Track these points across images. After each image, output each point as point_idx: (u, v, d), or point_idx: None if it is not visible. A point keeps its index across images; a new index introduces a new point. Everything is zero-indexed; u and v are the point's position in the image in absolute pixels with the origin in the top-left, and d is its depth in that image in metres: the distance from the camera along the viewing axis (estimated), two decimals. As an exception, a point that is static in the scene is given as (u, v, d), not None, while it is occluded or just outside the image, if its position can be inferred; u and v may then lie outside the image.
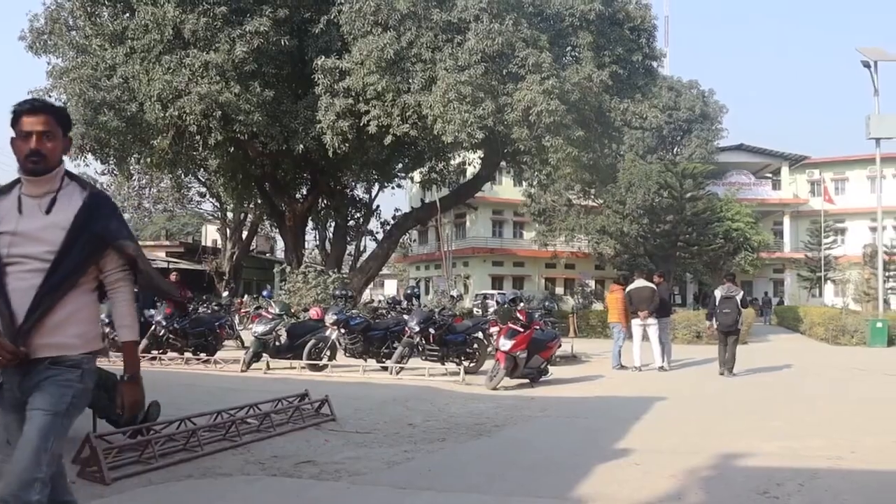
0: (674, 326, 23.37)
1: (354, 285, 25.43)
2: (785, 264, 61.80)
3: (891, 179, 63.47)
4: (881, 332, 24.28)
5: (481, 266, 56.65)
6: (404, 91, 20.75)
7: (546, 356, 13.82)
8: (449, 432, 8.67)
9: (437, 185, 32.74)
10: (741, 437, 8.49)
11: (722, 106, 58.58)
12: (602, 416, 10.28)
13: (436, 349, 14.77)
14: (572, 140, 21.14)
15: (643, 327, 16.54)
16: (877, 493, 6.11)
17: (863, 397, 12.39)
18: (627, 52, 23.85)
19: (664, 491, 6.10)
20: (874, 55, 26.88)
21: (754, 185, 62.72)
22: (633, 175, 42.29)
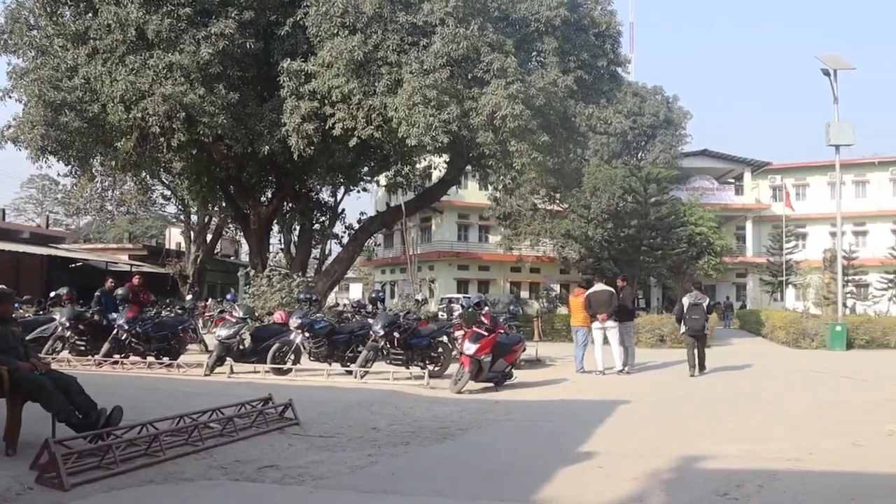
0: (637, 330, 23.52)
1: (319, 289, 25.33)
2: (747, 268, 62.55)
3: (850, 185, 64.63)
4: (840, 336, 24.60)
5: (447, 270, 56.73)
6: (370, 94, 20.71)
7: (510, 360, 13.84)
8: (413, 436, 8.68)
9: (403, 188, 32.71)
10: (702, 439, 8.57)
11: (686, 112, 59.06)
12: (565, 420, 10.34)
13: (400, 353, 14.79)
14: (537, 145, 21.20)
15: (603, 331, 16.64)
16: (835, 495, 6.20)
17: (822, 400, 12.55)
18: (592, 58, 23.96)
19: (626, 494, 6.15)
20: (833, 63, 27.20)
21: (717, 190, 63.41)
22: (598, 180, 42.47)
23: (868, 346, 25.20)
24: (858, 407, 11.52)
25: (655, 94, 57.51)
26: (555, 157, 24.18)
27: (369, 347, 14.73)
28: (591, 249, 43.41)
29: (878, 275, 54.13)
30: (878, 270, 54.72)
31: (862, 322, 27.19)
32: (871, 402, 12.10)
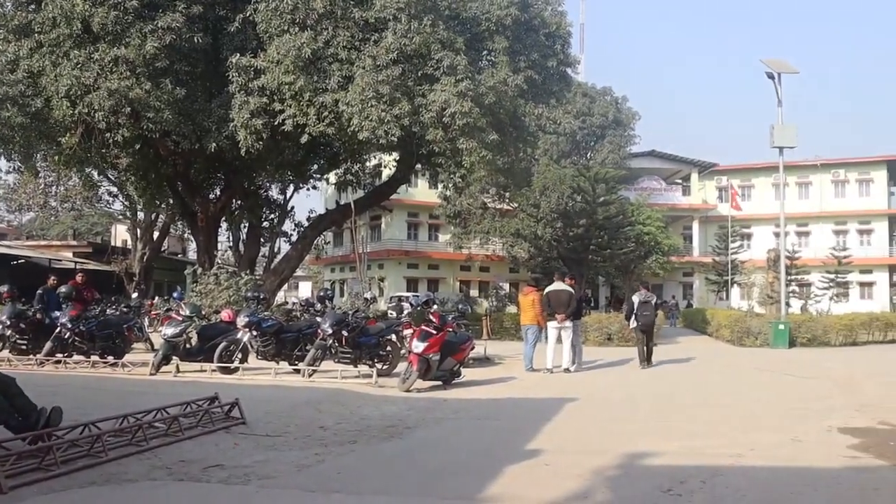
0: (585, 329, 23.71)
1: (268, 287, 25.16)
2: (694, 268, 63.44)
3: (793, 187, 65.86)
4: (783, 334, 25.05)
5: (396, 268, 56.71)
6: (321, 91, 20.59)
7: (459, 358, 13.86)
8: (360, 434, 8.65)
9: (353, 186, 32.62)
10: (647, 436, 8.67)
11: (635, 113, 59.67)
12: (513, 418, 10.38)
13: (349, 351, 14.72)
14: (487, 143, 21.24)
15: (559, 330, 16.74)
16: (775, 489, 6.30)
17: (763, 397, 12.76)
18: (542, 58, 24.06)
19: (572, 490, 6.19)
20: (778, 67, 27.67)
21: (665, 190, 64.23)
22: (548, 179, 42.71)
23: (809, 344, 25.71)
24: (799, 403, 11.72)
25: (604, 94, 58.03)
26: (504, 156, 24.24)
27: (317, 346, 14.63)
28: (541, 248, 43.70)
29: (820, 274, 55.21)
30: (819, 270, 55.81)
31: (804, 321, 27.73)
32: (811, 399, 12.32)
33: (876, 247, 66.07)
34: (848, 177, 67.18)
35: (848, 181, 67.34)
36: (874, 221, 66.79)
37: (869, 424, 9.58)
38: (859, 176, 67.07)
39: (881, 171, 66.65)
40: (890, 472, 6.97)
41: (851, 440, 8.44)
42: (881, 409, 10.89)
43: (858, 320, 28.68)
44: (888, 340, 28.95)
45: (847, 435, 8.77)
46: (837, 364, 18.95)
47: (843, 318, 29.04)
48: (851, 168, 67.08)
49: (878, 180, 66.94)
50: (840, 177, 67.18)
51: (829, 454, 7.73)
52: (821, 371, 17.26)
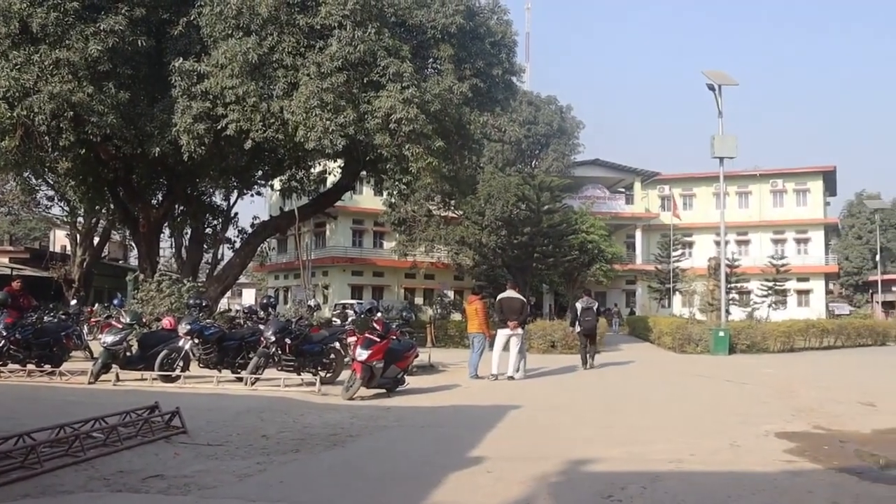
0: (529, 336, 23.83)
1: (210, 294, 24.89)
2: (637, 276, 64.18)
3: (734, 196, 67.04)
4: (723, 341, 25.43)
5: (341, 275, 56.47)
6: (266, 96, 20.46)
7: (403, 366, 13.85)
8: (303, 443, 8.60)
9: (297, 193, 32.41)
10: (589, 443, 8.74)
11: (579, 122, 60.31)
12: (457, 425, 10.40)
13: (292, 359, 14.61)
14: (432, 150, 21.27)
15: (508, 337, 16.79)
16: (713, 494, 6.40)
17: (704, 403, 12.96)
18: (488, 66, 24.17)
19: (514, 497, 6.22)
20: (718, 79, 28.16)
21: (608, 199, 64.90)
22: (493, 187, 42.91)
23: (749, 351, 26.13)
24: (738, 409, 11.93)
25: (549, 103, 58.48)
26: (450, 164, 24.27)
27: (260, 354, 14.50)
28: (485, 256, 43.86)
29: (759, 282, 56.16)
30: (758, 278, 56.78)
31: (743, 328, 28.18)
32: (749, 405, 12.54)
33: (812, 255, 67.55)
34: (786, 187, 68.55)
35: (786, 191, 68.71)
36: (811, 230, 68.29)
37: (804, 429, 9.77)
38: (797, 186, 68.50)
39: (817, 181, 68.16)
40: (823, 475, 7.13)
41: (787, 444, 8.61)
42: (816, 414, 11.13)
43: (796, 327, 29.24)
44: (824, 347, 29.60)
45: (783, 440, 8.95)
46: (775, 370, 19.31)
47: (780, 325, 29.60)
48: (789, 178, 68.47)
49: (814, 190, 68.44)
50: (778, 187, 68.52)
51: (766, 459, 7.87)
52: (759, 377, 17.57)
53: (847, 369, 19.90)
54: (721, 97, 28.14)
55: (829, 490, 6.51)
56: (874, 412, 11.51)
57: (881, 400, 12.88)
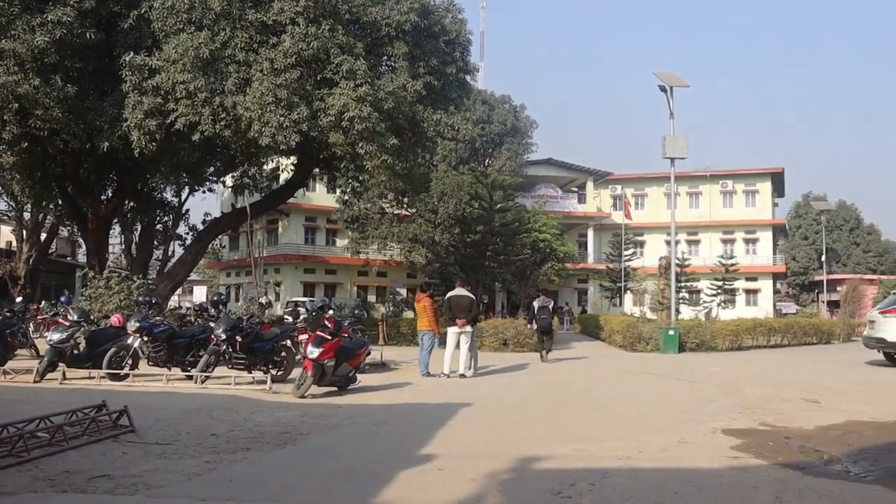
0: (481, 334, 23.96)
1: (160, 291, 24.59)
2: (588, 274, 64.63)
3: (684, 196, 67.90)
4: (673, 340, 25.71)
5: (293, 273, 56.18)
6: (218, 92, 20.26)
7: (354, 364, 13.85)
8: (253, 442, 8.55)
9: (250, 190, 32.20)
10: (540, 441, 8.80)
11: (532, 121, 60.50)
12: (408, 423, 10.40)
13: (243, 357, 14.52)
14: (386, 148, 21.22)
15: (458, 335, 16.83)
16: (660, 490, 6.48)
17: (653, 400, 13.09)
18: (442, 65, 24.17)
19: (464, 495, 6.24)
20: (669, 80, 28.49)
21: (561, 198, 65.30)
22: (446, 185, 42.92)
23: (698, 349, 26.45)
24: (686, 406, 12.07)
25: (503, 102, 58.63)
26: (403, 161, 24.25)
27: (210, 352, 14.39)
28: (438, 254, 43.86)
29: (709, 281, 56.88)
30: (708, 277, 57.51)
31: (693, 326, 28.50)
32: (698, 402, 12.70)
33: (761, 255, 68.68)
34: (735, 188, 69.60)
35: (735, 192, 69.77)
36: (759, 231, 69.43)
37: (751, 426, 9.93)
38: (746, 187, 69.58)
39: (766, 182, 69.31)
40: (768, 470, 7.25)
41: (734, 441, 8.75)
42: (762, 411, 11.31)
43: (744, 326, 29.67)
44: (771, 345, 30.08)
45: (730, 436, 9.09)
46: (723, 368, 19.57)
47: (729, 324, 30.01)
48: (739, 179, 69.52)
49: (763, 191, 69.59)
50: (728, 188, 69.53)
51: (713, 455, 7.98)
52: (707, 375, 17.80)
53: (793, 367, 20.24)
54: (672, 98, 28.47)
55: (773, 485, 6.63)
56: (818, 409, 11.73)
57: (825, 397, 13.12)
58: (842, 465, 7.57)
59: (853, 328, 36.32)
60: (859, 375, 17.85)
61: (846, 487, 6.62)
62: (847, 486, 6.70)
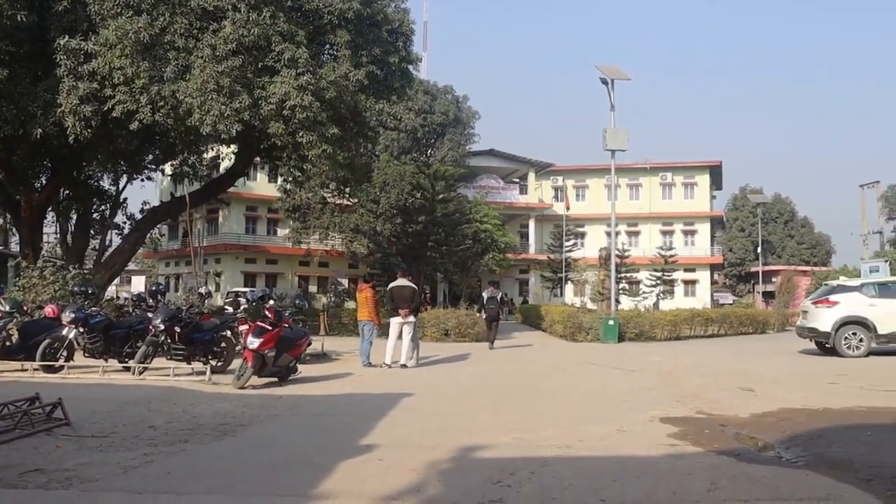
0: (423, 324, 23.98)
1: (97, 281, 24.15)
2: (530, 265, 65.12)
3: (625, 188, 68.67)
4: (613, 330, 26.01)
5: (234, 263, 55.69)
6: (157, 79, 19.91)
7: (295, 354, 13.76)
8: (192, 433, 8.44)
9: (189, 178, 31.76)
10: (480, 430, 8.82)
11: (475, 112, 60.71)
12: (349, 414, 10.36)
13: (181, 348, 14.33)
14: (327, 137, 21.09)
15: (401, 325, 16.82)
16: (599, 478, 6.54)
17: (592, 389, 13.21)
18: (385, 54, 24.08)
19: (405, 485, 6.23)
20: (611, 73, 28.76)
21: (503, 189, 65.61)
22: (388, 175, 42.87)
23: (637, 339, 26.81)
24: (625, 395, 12.21)
25: (446, 93, 58.69)
26: (345, 151, 24.12)
27: (148, 342, 14.16)
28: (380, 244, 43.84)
29: (648, 272, 57.62)
30: (648, 268, 58.24)
31: (632, 316, 28.86)
32: (637, 391, 12.85)
33: (699, 247, 69.82)
34: (675, 180, 70.62)
35: (675, 184, 70.80)
36: (697, 223, 70.56)
37: (688, 414, 10.08)
38: (685, 180, 70.65)
39: (704, 175, 70.43)
40: (704, 457, 7.38)
41: (671, 429, 8.87)
42: (699, 400, 11.49)
43: (682, 316, 30.13)
44: (708, 335, 30.62)
45: (668, 424, 9.21)
46: (662, 358, 19.84)
47: (668, 314, 30.46)
48: (678, 172, 70.52)
49: (701, 184, 70.72)
50: (668, 180, 70.52)
51: (651, 443, 8.09)
52: (646, 364, 18.02)
53: (729, 357, 20.58)
54: (613, 91, 28.77)
55: (708, 471, 6.74)
56: (753, 397, 11.95)
57: (759, 385, 13.37)
58: (775, 452, 7.74)
59: (787, 318, 37.14)
60: (792, 364, 18.25)
61: (778, 473, 6.76)
62: (779, 471, 6.84)
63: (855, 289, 20.69)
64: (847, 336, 19.56)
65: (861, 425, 9.09)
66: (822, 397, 11.73)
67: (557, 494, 6.01)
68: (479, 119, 60.98)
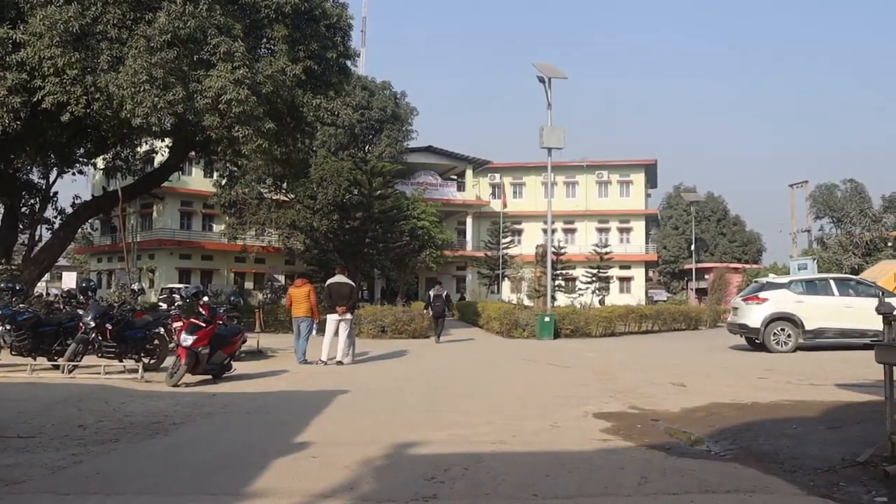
0: (359, 321, 23.91)
1: (25, 278, 23.63)
2: (467, 262, 65.23)
3: (561, 186, 69.20)
4: (548, 326, 26.22)
5: (168, 259, 54.89)
6: (89, 70, 19.52)
7: (229, 351, 13.64)
8: (123, 433, 8.31)
9: (123, 172, 31.20)
10: (415, 427, 8.82)
11: (413, 108, 60.56)
12: (284, 411, 10.30)
13: (113, 345, 14.07)
14: (263, 132, 20.92)
15: (338, 322, 16.75)
16: (532, 472, 6.59)
17: (527, 386, 13.30)
18: (322, 49, 23.91)
19: (338, 482, 6.21)
20: (547, 72, 28.99)
21: (440, 185, 65.65)
22: (325, 171, 42.63)
23: (573, 335, 27.05)
24: (560, 391, 12.30)
25: (384, 89, 58.51)
26: (282, 146, 23.94)
27: (79, 340, 13.89)
28: (317, 240, 43.59)
29: (584, 269, 58.13)
30: (584, 265, 58.75)
31: (568, 313, 29.11)
32: (571, 387, 12.97)
33: (634, 244, 70.66)
34: (611, 178, 71.37)
35: (611, 182, 71.55)
36: (633, 220, 71.42)
37: (620, 409, 10.20)
38: (621, 178, 71.43)
39: (640, 174, 71.30)
40: (635, 451, 7.48)
41: (604, 424, 8.98)
42: (632, 395, 11.64)
43: (617, 313, 30.49)
44: (643, 331, 31.03)
45: (601, 420, 9.32)
46: (596, 354, 20.07)
47: (603, 311, 30.80)
48: (614, 170, 71.28)
49: (637, 182, 71.58)
50: (604, 178, 71.22)
51: (584, 438, 8.18)
52: (581, 361, 18.21)
53: (662, 352, 20.91)
54: (550, 89, 28.98)
55: (639, 465, 6.83)
56: (684, 392, 12.13)
57: (691, 381, 13.59)
58: (704, 445, 7.87)
59: (719, 314, 37.82)
60: (723, 360, 18.59)
61: (706, 465, 6.88)
62: (707, 464, 6.96)
63: (783, 286, 21.14)
64: (776, 332, 20.00)
65: (787, 418, 9.29)
66: (751, 391, 11.97)
67: (490, 490, 6.04)
68: (417, 115, 60.94)
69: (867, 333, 18.45)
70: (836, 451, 7.19)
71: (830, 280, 21.33)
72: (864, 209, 68.50)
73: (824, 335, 20.06)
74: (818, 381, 13.31)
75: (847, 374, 14.14)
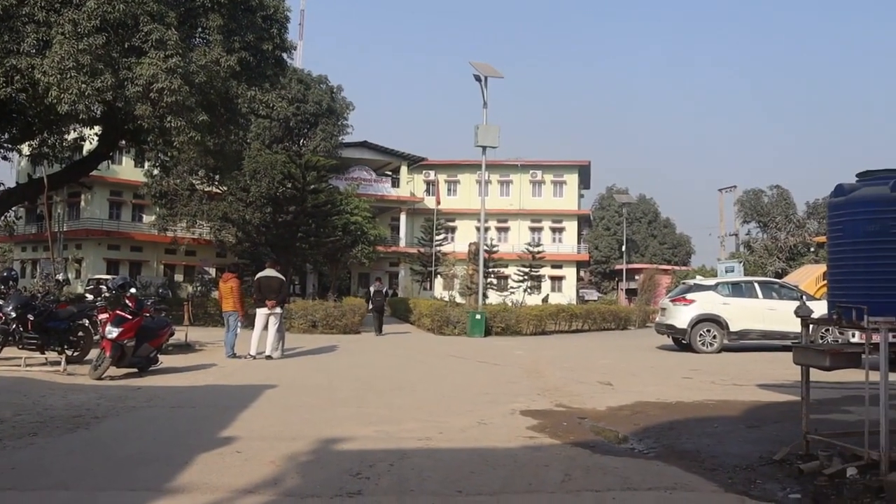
0: (290, 315, 23.75)
1: (-56, 265, 22.97)
2: (400, 258, 65.25)
3: (496, 184, 69.53)
4: (479, 324, 26.35)
5: (96, 249, 53.84)
6: (12, 52, 19.00)
7: (156, 344, 13.46)
8: (42, 426, 8.12)
9: (49, 160, 30.47)
10: (342, 423, 8.78)
11: (349, 103, 60.18)
12: (209, 405, 10.17)
13: (35, 337, 13.76)
14: (196, 123, 20.62)
15: (267, 316, 16.61)
16: (457, 469, 6.61)
17: (456, 382, 13.35)
18: (258, 41, 23.63)
19: (263, 477, 6.16)
20: (484, 71, 29.13)
21: (375, 181, 65.55)
22: (259, 164, 42.24)
23: (503, 333, 27.25)
24: (488, 389, 12.37)
25: (320, 82, 58.05)
26: (215, 138, 23.61)
27: (-2, 331, 13.56)
28: (249, 234, 43.09)
29: (517, 268, 58.55)
30: (516, 263, 59.17)
31: (499, 311, 29.30)
32: (500, 384, 13.05)
33: (566, 244, 71.36)
34: (545, 178, 71.93)
35: (544, 182, 72.12)
36: (565, 220, 72.09)
37: (548, 407, 10.29)
38: (554, 178, 72.04)
39: (573, 174, 72.01)
40: (560, 449, 7.55)
41: (531, 422, 9.05)
42: (559, 393, 11.75)
43: (547, 311, 30.78)
44: (573, 330, 31.40)
45: (528, 417, 9.39)
46: (526, 352, 20.22)
47: (533, 310, 31.04)
48: (548, 170, 71.86)
49: (570, 183, 72.29)
50: (538, 177, 71.74)
51: (510, 435, 8.22)
52: (511, 358, 18.32)
53: (591, 351, 21.17)
54: (486, 88, 29.13)
55: (564, 463, 6.90)
56: (611, 391, 12.29)
57: (618, 380, 13.79)
58: (628, 443, 7.97)
59: (648, 315, 38.41)
60: (650, 359, 18.90)
61: (629, 463, 6.98)
62: (631, 462, 7.07)
63: (710, 288, 21.57)
64: (702, 333, 20.43)
65: (710, 417, 9.49)
66: (676, 391, 12.18)
67: (415, 486, 6.04)
68: (353, 110, 60.52)
69: (789, 335, 19.01)
70: (755, 450, 7.38)
71: (755, 283, 21.84)
72: (789, 215, 70.29)
73: (748, 336, 20.56)
74: (741, 382, 13.61)
75: (769, 375, 14.51)
